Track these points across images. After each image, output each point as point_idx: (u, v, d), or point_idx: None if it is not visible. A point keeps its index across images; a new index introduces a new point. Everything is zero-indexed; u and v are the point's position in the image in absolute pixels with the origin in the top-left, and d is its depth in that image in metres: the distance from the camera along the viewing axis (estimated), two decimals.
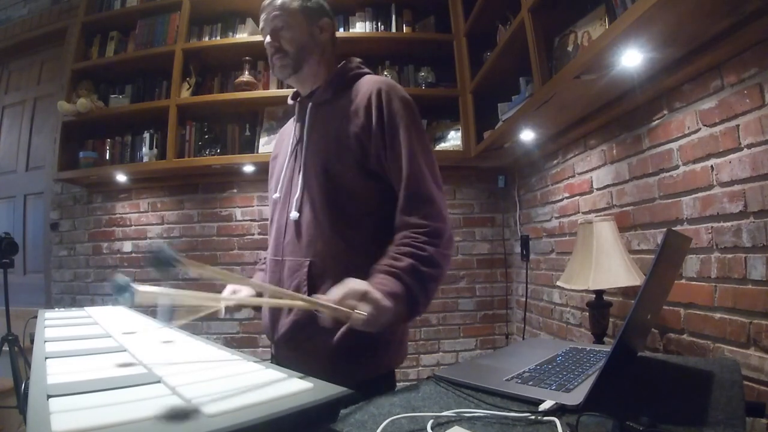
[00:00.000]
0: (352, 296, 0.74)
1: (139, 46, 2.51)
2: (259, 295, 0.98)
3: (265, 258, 1.12)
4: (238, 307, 1.01)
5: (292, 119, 1.11)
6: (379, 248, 0.88)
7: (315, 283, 0.91)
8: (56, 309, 1.09)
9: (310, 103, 1.02)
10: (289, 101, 1.09)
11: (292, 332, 0.93)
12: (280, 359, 0.99)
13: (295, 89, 1.08)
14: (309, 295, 0.86)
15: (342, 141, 0.93)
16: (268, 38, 0.98)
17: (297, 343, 0.94)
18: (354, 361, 0.89)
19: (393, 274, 0.80)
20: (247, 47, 2.37)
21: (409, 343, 2.44)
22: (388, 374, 0.97)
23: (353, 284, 0.75)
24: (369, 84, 0.96)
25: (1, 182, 3.03)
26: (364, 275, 0.81)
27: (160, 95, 2.52)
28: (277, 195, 1.03)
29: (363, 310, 0.73)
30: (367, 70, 1.04)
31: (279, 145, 1.13)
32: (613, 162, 1.64)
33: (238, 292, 1.01)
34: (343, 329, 0.88)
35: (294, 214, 0.96)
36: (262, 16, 1.00)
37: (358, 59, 1.06)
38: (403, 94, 0.95)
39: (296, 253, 0.95)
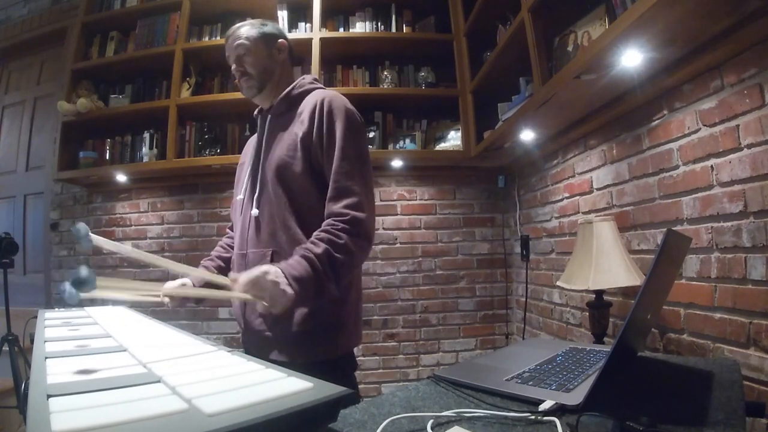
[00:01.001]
0: (255, 285, 0.83)
1: (139, 46, 2.51)
2: (206, 285, 1.08)
3: (210, 255, 1.25)
4: (180, 298, 1.05)
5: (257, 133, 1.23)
6: None
7: None
8: (56, 309, 1.09)
9: (270, 116, 1.16)
10: (255, 115, 1.23)
11: (263, 317, 1.03)
12: (249, 344, 1.10)
13: (259, 106, 1.21)
14: None
15: (292, 146, 1.06)
16: (234, 65, 1.13)
17: (267, 326, 1.04)
18: (314, 343, 1.01)
19: (306, 258, 0.89)
20: None
21: (409, 343, 2.47)
22: (348, 355, 1.08)
23: (258, 273, 0.84)
24: (317, 96, 1.09)
25: (1, 182, 3.03)
26: None
27: (160, 95, 2.52)
28: (240, 197, 1.16)
29: (265, 297, 0.83)
30: (319, 85, 1.18)
31: (245, 154, 1.26)
32: (613, 162, 1.64)
33: (186, 285, 1.10)
34: (299, 315, 0.99)
35: (255, 211, 1.08)
36: (227, 44, 1.15)
37: (313, 76, 1.21)
38: (342, 103, 1.07)
39: (259, 245, 1.07)
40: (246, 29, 1.14)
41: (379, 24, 2.49)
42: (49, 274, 2.75)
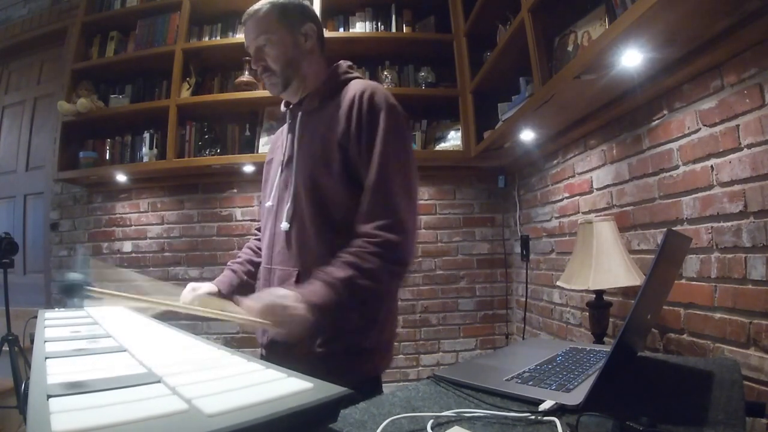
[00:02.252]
0: (269, 311, 0.76)
1: (139, 46, 2.51)
2: (224, 297, 1.02)
3: (239, 256, 1.18)
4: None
5: (284, 127, 1.11)
6: None
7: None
8: (56, 309, 1.09)
9: (300, 112, 1.02)
10: (282, 108, 1.09)
11: (280, 337, 0.94)
12: (271, 358, 0.99)
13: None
14: None
15: (327, 150, 0.92)
16: (254, 60, 0.99)
17: (285, 348, 0.93)
18: (339, 367, 0.88)
19: (327, 284, 0.80)
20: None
21: (409, 343, 2.47)
22: (374, 379, 0.99)
23: (272, 297, 0.77)
24: (355, 89, 0.94)
25: (1, 182, 3.03)
26: None
27: (160, 95, 2.52)
28: (270, 203, 1.04)
29: (278, 325, 0.77)
30: (356, 74, 1.03)
31: (273, 150, 1.14)
32: (613, 162, 1.64)
33: (197, 289, 1.04)
34: (322, 338, 0.90)
35: (284, 225, 0.96)
36: (245, 29, 0.99)
37: (347, 63, 1.04)
38: (385, 97, 0.92)
39: (285, 262, 0.97)
40: (266, 12, 0.96)
41: (379, 24, 2.49)
42: (49, 274, 2.75)
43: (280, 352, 0.95)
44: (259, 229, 1.19)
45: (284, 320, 0.77)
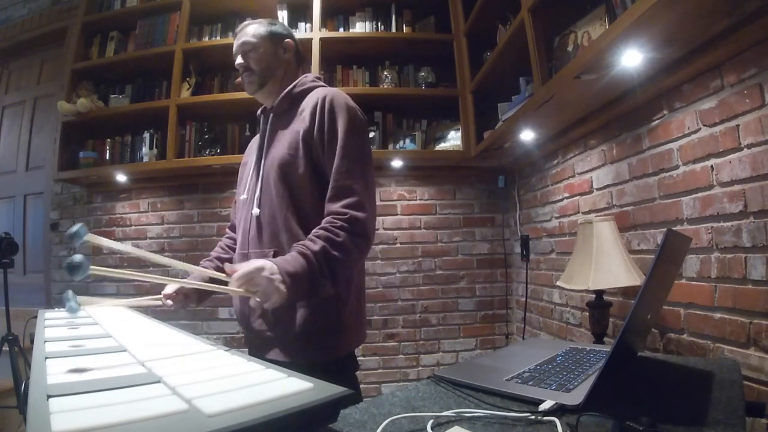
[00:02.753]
0: (249, 278, 0.83)
1: (139, 46, 2.51)
2: (205, 280, 1.08)
3: (210, 256, 1.26)
4: (181, 299, 1.09)
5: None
6: None
7: None
8: (56, 309, 1.09)
9: (272, 114, 1.15)
10: (258, 114, 1.22)
11: (263, 317, 1.04)
12: (251, 344, 1.12)
13: (263, 105, 1.20)
14: None
15: (293, 144, 1.05)
16: (238, 59, 1.14)
17: (268, 327, 1.04)
18: (315, 344, 1.00)
19: (303, 255, 0.89)
20: None
21: (409, 343, 2.47)
22: (349, 356, 1.08)
23: (252, 268, 0.84)
24: (319, 94, 1.07)
25: (1, 182, 3.03)
26: None
27: (160, 95, 2.52)
28: (244, 196, 1.16)
29: (258, 293, 0.84)
30: (320, 83, 1.16)
31: (248, 154, 1.26)
32: (613, 162, 1.64)
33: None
34: (301, 316, 1.00)
35: (255, 211, 1.08)
36: (235, 41, 1.15)
37: (315, 74, 1.20)
38: (344, 100, 1.06)
39: (260, 245, 1.07)
40: (254, 27, 1.15)
41: (379, 24, 2.49)
42: (49, 274, 2.75)
43: (259, 334, 1.05)
44: (232, 228, 1.31)
45: (264, 288, 0.83)
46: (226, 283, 0.86)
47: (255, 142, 1.24)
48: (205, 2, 2.45)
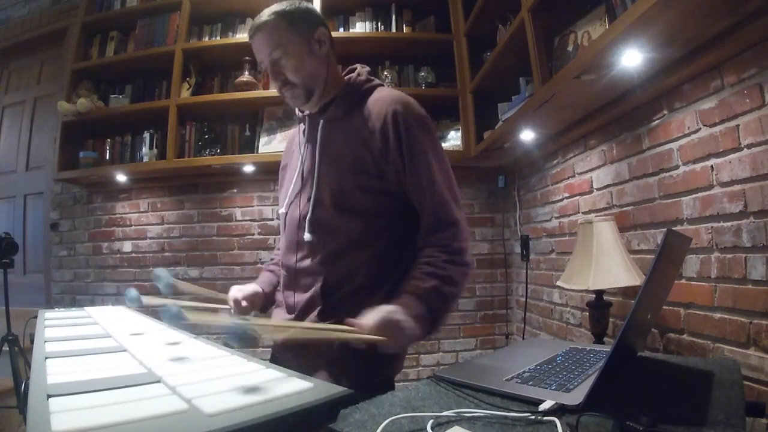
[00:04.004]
0: (384, 326, 0.77)
1: (139, 46, 2.51)
2: (267, 296, 1.07)
3: (271, 259, 1.17)
4: (249, 304, 1.03)
5: (300, 128, 1.08)
6: (389, 263, 0.93)
7: (327, 299, 0.94)
8: (56, 309, 1.09)
9: (321, 120, 0.99)
10: (298, 113, 1.06)
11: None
12: (280, 356, 1.02)
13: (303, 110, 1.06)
14: (322, 307, 0.92)
15: (358, 164, 0.92)
16: (270, 73, 0.95)
17: (299, 348, 0.95)
18: (353, 369, 0.90)
19: (418, 296, 0.84)
20: (247, 47, 2.31)
21: None
22: (386, 383, 0.97)
23: (384, 313, 0.78)
24: (384, 103, 0.94)
25: (1, 182, 3.03)
26: (372, 289, 0.90)
27: (160, 95, 2.52)
28: (283, 211, 1.04)
29: (392, 338, 0.78)
30: (377, 81, 1.03)
31: (288, 155, 1.12)
32: (613, 162, 1.64)
33: (243, 290, 1.04)
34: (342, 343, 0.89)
35: (308, 236, 0.95)
36: (254, 48, 0.95)
37: (366, 68, 1.03)
38: (419, 113, 0.94)
39: (309, 270, 0.96)
40: (274, 23, 0.91)
41: (379, 24, 2.49)
42: (49, 274, 2.75)
43: (296, 352, 0.97)
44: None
45: (397, 334, 0.79)
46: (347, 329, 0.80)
47: (296, 142, 1.08)
48: (205, 2, 2.45)
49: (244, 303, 1.01)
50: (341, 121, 0.97)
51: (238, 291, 1.03)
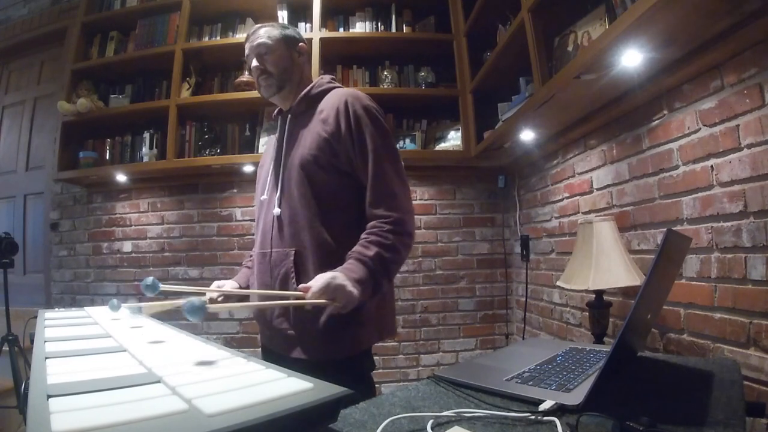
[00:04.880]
0: (328, 289, 0.89)
1: (139, 46, 2.51)
2: (243, 291, 1.16)
3: (251, 256, 1.25)
4: (221, 301, 1.13)
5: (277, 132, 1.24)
6: (350, 236, 1.03)
7: (299, 269, 1.05)
8: (56, 309, 1.09)
9: (290, 115, 1.16)
10: (274, 115, 1.24)
11: (286, 316, 1.07)
12: (269, 343, 1.14)
13: (278, 107, 1.22)
14: (297, 279, 1.03)
15: (315, 145, 1.07)
16: (254, 62, 1.13)
17: (290, 325, 1.06)
18: (337, 339, 1.03)
19: (362, 262, 0.96)
20: None
21: (409, 343, 2.47)
22: (367, 353, 1.10)
23: (328, 278, 0.89)
24: (338, 95, 1.10)
25: (1, 182, 3.03)
26: (340, 260, 0.98)
27: (160, 95, 2.52)
28: (264, 197, 1.17)
29: (338, 300, 0.89)
30: (337, 84, 1.19)
31: (265, 155, 1.28)
32: (613, 162, 1.64)
33: (222, 286, 1.15)
34: (326, 314, 1.01)
35: (276, 210, 1.10)
36: (246, 45, 1.15)
37: (330, 75, 1.22)
38: (366, 103, 1.08)
39: (281, 244, 1.08)
40: (267, 30, 1.15)
41: (379, 24, 2.49)
42: (49, 274, 2.75)
43: (281, 332, 1.08)
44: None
45: (340, 296, 0.89)
46: (299, 297, 0.92)
47: (272, 143, 1.25)
48: (205, 2, 2.45)
49: (219, 299, 1.11)
50: (304, 114, 1.14)
51: (215, 287, 1.14)
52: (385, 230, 0.99)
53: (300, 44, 1.18)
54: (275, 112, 1.23)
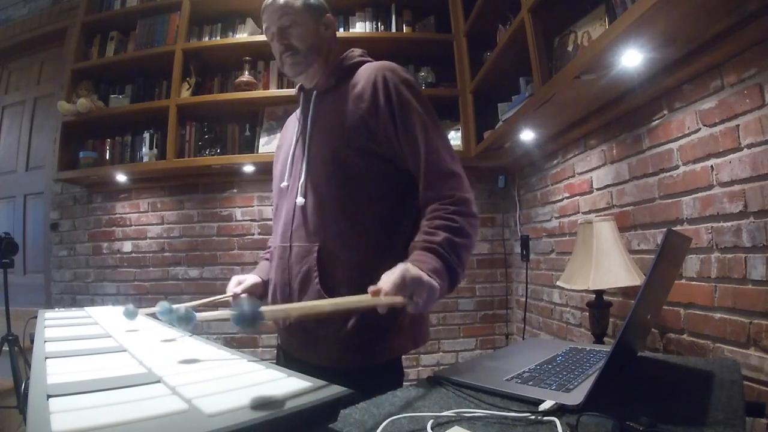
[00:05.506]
0: (405, 284, 0.72)
1: (139, 46, 2.51)
2: (266, 284, 1.04)
3: (270, 247, 1.13)
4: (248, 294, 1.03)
5: (296, 111, 1.12)
6: (388, 232, 0.92)
7: (325, 267, 0.92)
8: (56, 309, 1.09)
9: (315, 92, 1.03)
10: (296, 92, 1.10)
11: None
12: (287, 346, 1.03)
13: (299, 84, 1.09)
14: (320, 278, 0.91)
15: (348, 125, 0.94)
16: (277, 37, 0.99)
17: (308, 330, 0.95)
18: (365, 346, 0.90)
19: (432, 250, 0.81)
20: (247, 47, 2.37)
21: None
22: (397, 361, 0.99)
23: (403, 271, 0.73)
24: (372, 69, 0.97)
25: (1, 182, 3.03)
26: (373, 259, 0.86)
27: (160, 95, 2.52)
28: (285, 183, 1.03)
29: (418, 296, 0.74)
30: (368, 58, 1.05)
31: (283, 136, 1.15)
32: (613, 162, 1.64)
33: (243, 281, 1.04)
34: (355, 317, 0.89)
35: (300, 200, 0.97)
36: (264, 17, 1.00)
37: (361, 50, 1.07)
38: (405, 76, 0.96)
39: (304, 238, 0.96)
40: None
41: (379, 24, 2.48)
42: (49, 274, 2.75)
43: (305, 334, 0.96)
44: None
45: (419, 291, 0.74)
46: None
47: (291, 123, 1.13)
48: (205, 2, 2.45)
49: (243, 295, 1.01)
50: (333, 91, 1.01)
51: (236, 284, 1.04)
52: (450, 211, 0.85)
53: (326, 15, 1.04)
54: (297, 88, 1.09)
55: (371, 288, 0.73)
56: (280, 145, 1.15)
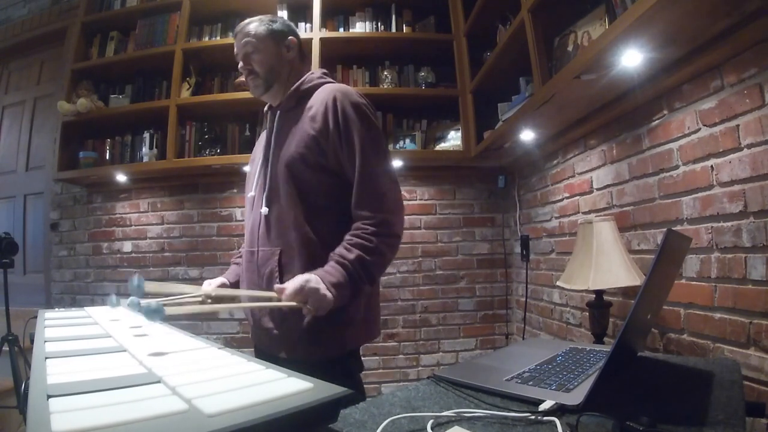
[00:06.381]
0: (302, 292, 0.88)
1: (139, 46, 2.51)
2: (233, 286, 1.19)
3: (239, 254, 1.25)
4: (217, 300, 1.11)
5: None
6: (337, 238, 1.01)
7: (285, 269, 1.04)
8: (56, 309, 1.09)
9: (279, 111, 1.14)
10: (264, 111, 1.21)
11: (271, 315, 1.06)
12: (259, 343, 1.15)
13: (268, 103, 1.20)
14: (281, 278, 1.02)
15: (302, 143, 1.04)
16: (241, 62, 1.11)
17: (275, 325, 1.06)
18: (320, 340, 1.02)
19: (342, 265, 0.94)
20: None
21: (409, 343, 2.47)
22: (353, 354, 1.09)
23: (302, 281, 0.89)
24: (326, 91, 1.07)
25: (1, 182, 3.03)
26: (323, 262, 0.97)
27: (160, 95, 2.52)
28: (252, 194, 1.16)
29: (311, 304, 0.89)
30: (328, 79, 1.15)
31: (255, 151, 1.26)
32: (613, 162, 1.64)
33: (212, 283, 1.16)
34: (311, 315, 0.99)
35: (264, 210, 1.08)
36: (235, 41, 1.13)
37: (323, 70, 1.18)
38: (355, 99, 1.05)
39: (268, 243, 1.08)
40: (254, 26, 1.11)
41: (379, 24, 2.49)
42: (49, 274, 2.75)
43: (267, 332, 1.08)
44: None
45: (313, 300, 0.89)
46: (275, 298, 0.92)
47: (262, 139, 1.23)
48: (205, 2, 2.45)
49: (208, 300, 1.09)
50: (293, 110, 1.11)
51: (208, 285, 1.14)
52: (368, 232, 0.97)
53: (289, 38, 1.14)
54: (265, 107, 1.20)
55: (277, 286, 0.91)
56: (252, 159, 1.25)
